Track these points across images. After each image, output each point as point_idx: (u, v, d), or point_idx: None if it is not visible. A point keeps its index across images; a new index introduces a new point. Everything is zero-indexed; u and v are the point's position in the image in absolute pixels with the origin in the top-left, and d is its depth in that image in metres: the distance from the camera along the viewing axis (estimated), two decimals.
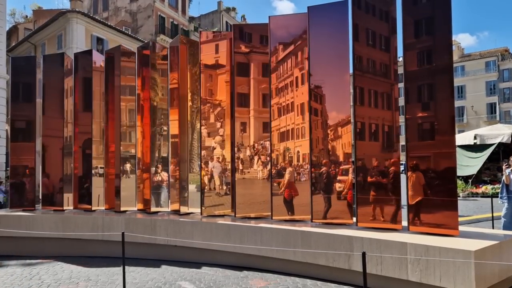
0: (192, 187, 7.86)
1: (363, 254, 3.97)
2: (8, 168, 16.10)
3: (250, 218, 7.04)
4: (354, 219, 6.26)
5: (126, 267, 5.36)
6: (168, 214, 7.80)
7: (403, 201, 5.75)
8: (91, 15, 32.15)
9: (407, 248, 4.93)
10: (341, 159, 6.34)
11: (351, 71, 6.22)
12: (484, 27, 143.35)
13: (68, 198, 8.60)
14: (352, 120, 6.21)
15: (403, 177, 5.67)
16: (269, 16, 7.02)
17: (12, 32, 36.15)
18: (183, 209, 7.73)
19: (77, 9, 28.78)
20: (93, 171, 8.45)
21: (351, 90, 6.16)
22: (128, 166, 8.33)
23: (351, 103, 6.19)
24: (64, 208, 8.49)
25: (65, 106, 8.73)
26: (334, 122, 6.34)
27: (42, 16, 35.20)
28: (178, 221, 7.18)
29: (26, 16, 48.22)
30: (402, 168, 6.46)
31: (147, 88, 8.11)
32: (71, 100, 8.82)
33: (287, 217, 6.80)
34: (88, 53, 9.06)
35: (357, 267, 5.31)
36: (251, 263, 6.56)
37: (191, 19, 45.30)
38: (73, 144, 8.66)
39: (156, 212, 7.98)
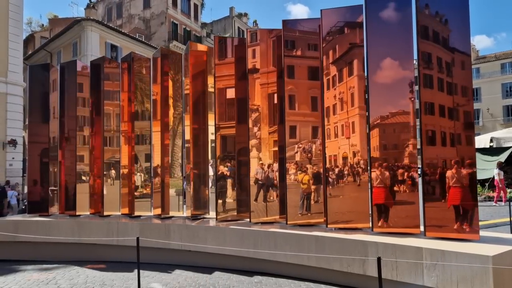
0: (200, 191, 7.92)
1: (378, 259, 3.94)
2: (25, 175, 16.34)
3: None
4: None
5: (140, 271, 5.41)
6: (184, 219, 7.83)
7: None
8: (105, 23, 32.65)
9: (422, 253, 4.87)
10: None
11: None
12: (502, 28, 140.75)
13: (83, 203, 8.73)
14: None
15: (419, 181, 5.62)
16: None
17: (28, 41, 36.87)
18: (199, 214, 7.80)
19: (91, 17, 29.23)
20: (106, 177, 8.58)
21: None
22: (143, 171, 8.42)
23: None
24: (79, 213, 8.62)
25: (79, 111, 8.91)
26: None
27: (58, 24, 35.83)
28: (192, 226, 7.21)
29: (42, 25, 49.13)
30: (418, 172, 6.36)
31: (163, 94, 8.21)
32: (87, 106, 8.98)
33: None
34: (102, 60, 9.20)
35: (372, 272, 5.26)
36: (265, 268, 6.54)
37: (203, 25, 45.65)
38: (89, 150, 8.80)
39: (171, 217, 8.03)
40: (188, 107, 7.90)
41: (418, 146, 5.74)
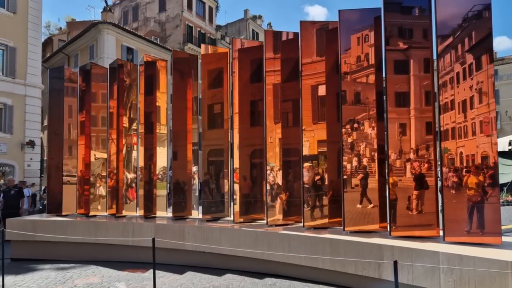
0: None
1: (395, 263, 3.90)
2: (43, 175, 16.54)
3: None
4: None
5: (155, 271, 5.45)
6: (201, 221, 7.84)
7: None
8: (121, 26, 32.97)
9: (439, 257, 4.81)
10: None
11: None
12: None
13: (102, 204, 8.86)
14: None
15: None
16: None
17: (47, 44, 37.48)
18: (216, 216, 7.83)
19: (108, 20, 29.58)
20: (124, 178, 8.69)
21: None
22: (162, 173, 8.50)
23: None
24: (95, 213, 8.75)
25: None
26: None
27: (75, 27, 36.36)
28: (206, 227, 7.24)
29: (60, 28, 49.95)
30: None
31: (182, 97, 8.27)
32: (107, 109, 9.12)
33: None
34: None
35: (387, 276, 5.21)
36: (278, 271, 6.53)
37: (218, 27, 45.82)
38: (108, 151, 8.93)
39: (185, 218, 8.07)
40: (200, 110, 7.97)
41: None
